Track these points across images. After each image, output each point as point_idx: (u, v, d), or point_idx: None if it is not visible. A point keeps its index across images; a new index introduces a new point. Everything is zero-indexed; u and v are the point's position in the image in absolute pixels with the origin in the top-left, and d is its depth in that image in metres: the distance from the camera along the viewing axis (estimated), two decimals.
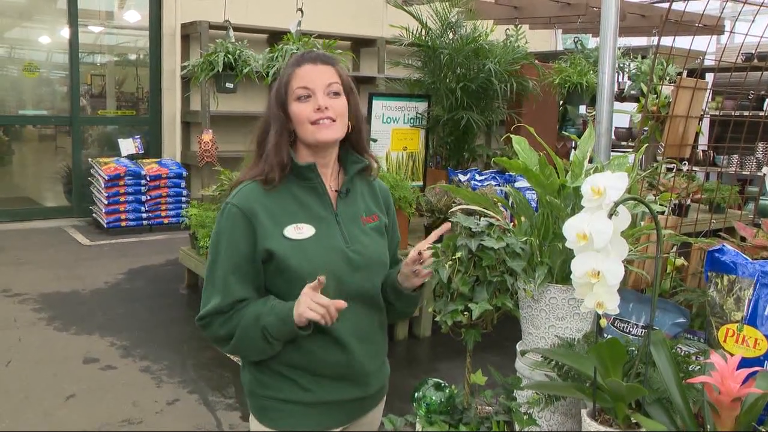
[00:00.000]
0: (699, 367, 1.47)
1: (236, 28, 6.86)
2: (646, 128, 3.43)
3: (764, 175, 3.15)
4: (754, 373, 1.24)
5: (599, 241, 1.27)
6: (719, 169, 8.19)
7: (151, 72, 8.44)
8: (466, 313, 1.30)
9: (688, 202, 5.18)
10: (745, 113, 6.20)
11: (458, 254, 1.28)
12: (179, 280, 5.80)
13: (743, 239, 2.29)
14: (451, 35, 5.89)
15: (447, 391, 1.43)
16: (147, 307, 5.22)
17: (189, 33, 8.14)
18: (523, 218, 1.63)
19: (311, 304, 1.53)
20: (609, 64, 2.37)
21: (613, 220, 1.30)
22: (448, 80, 5.73)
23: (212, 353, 4.34)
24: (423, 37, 5.86)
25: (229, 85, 4.91)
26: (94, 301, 5.29)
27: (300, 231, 1.65)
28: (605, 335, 1.73)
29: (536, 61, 6.05)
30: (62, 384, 3.83)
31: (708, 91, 3.42)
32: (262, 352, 1.65)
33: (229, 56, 4.82)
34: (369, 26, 9.03)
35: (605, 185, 1.29)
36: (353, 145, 1.78)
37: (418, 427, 1.40)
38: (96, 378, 3.95)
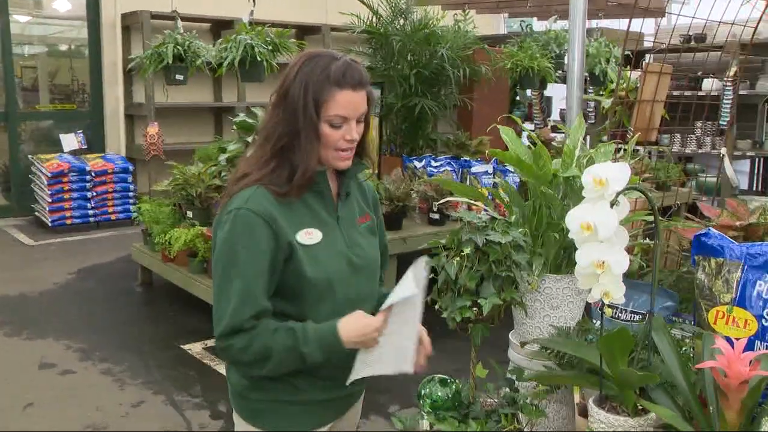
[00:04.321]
0: (692, 349, 1.50)
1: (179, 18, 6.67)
2: (591, 110, 3.50)
3: (722, 156, 3.25)
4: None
5: (604, 231, 1.28)
6: (661, 148, 8.42)
7: (90, 64, 8.15)
8: (475, 308, 1.29)
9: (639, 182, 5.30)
10: (686, 93, 6.40)
11: (466, 250, 1.27)
12: (132, 277, 5.65)
13: (703, 217, 2.33)
14: (401, 21, 5.86)
15: (453, 386, 1.43)
16: (102, 307, 5.06)
17: (130, 24, 7.89)
18: (515, 209, 1.63)
19: (372, 335, 1.55)
20: (579, 49, 2.39)
21: (615, 209, 1.32)
22: (400, 67, 5.71)
23: (174, 352, 4.25)
24: (374, 24, 5.82)
25: (180, 77, 4.77)
26: (45, 304, 5.11)
27: (310, 236, 1.60)
28: (593, 320, 1.76)
29: (486, 46, 6.08)
30: (18, 392, 3.68)
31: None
32: (296, 369, 1.62)
33: (179, 47, 4.68)
34: (314, 13, 8.94)
35: (607, 176, 1.29)
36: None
37: (426, 424, 1.39)
38: (54, 384, 3.81)
